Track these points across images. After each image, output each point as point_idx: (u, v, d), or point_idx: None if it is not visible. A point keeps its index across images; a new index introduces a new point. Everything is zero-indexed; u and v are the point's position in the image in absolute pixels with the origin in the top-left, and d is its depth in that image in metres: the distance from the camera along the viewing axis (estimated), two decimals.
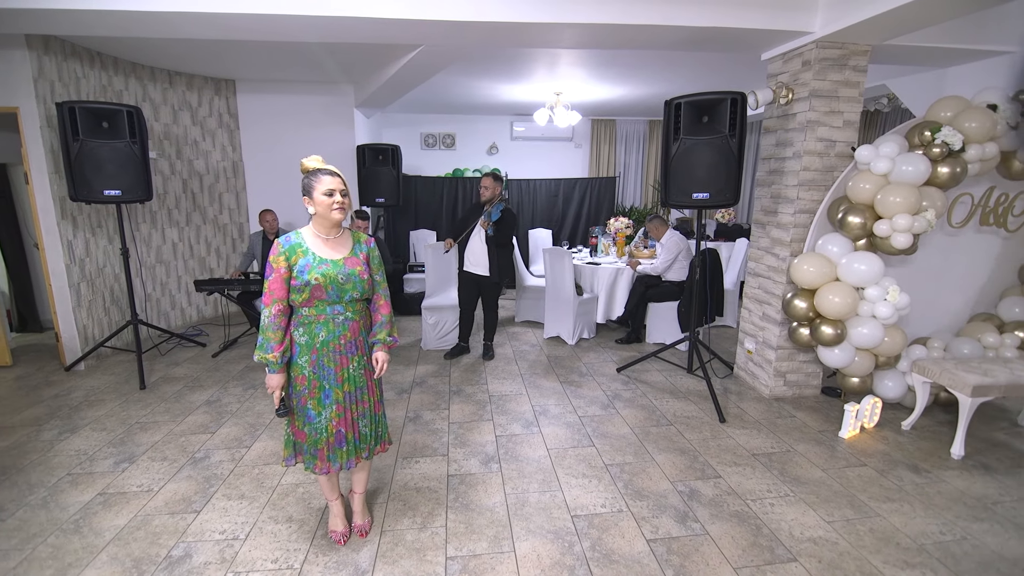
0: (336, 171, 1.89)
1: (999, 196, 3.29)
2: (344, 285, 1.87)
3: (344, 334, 1.92)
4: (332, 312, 1.90)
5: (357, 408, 2.00)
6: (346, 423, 1.98)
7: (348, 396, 1.97)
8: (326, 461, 1.98)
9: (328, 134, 5.87)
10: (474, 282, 4.29)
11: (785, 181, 3.47)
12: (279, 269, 1.85)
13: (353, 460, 2.02)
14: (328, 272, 1.85)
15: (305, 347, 1.90)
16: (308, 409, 1.94)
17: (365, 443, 2.05)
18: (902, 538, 2.22)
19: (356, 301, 1.95)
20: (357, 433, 2.02)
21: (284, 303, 1.87)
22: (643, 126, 8.44)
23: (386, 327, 2.05)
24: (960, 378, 2.83)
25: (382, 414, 2.12)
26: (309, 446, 1.98)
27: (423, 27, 3.12)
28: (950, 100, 2.96)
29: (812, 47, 3.20)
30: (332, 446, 1.98)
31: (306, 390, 1.93)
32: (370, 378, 2.02)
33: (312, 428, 1.96)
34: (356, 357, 1.97)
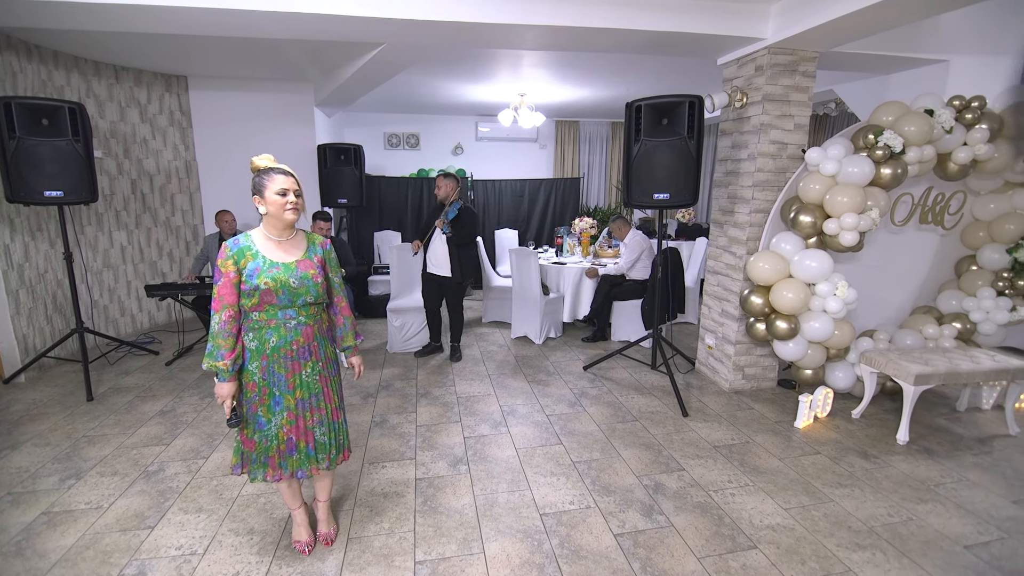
0: (289, 170, 1.83)
1: (936, 196, 3.50)
2: (297, 289, 1.81)
3: (296, 339, 1.86)
4: (284, 317, 1.83)
5: (312, 416, 1.93)
6: (298, 431, 1.91)
7: (301, 403, 1.91)
8: (277, 468, 1.92)
9: (287, 133, 5.72)
10: (437, 283, 4.25)
11: (741, 182, 3.60)
12: (228, 273, 1.77)
13: (306, 470, 1.95)
14: (279, 276, 1.78)
15: (255, 353, 1.84)
16: (259, 416, 1.88)
17: (324, 452, 1.97)
18: (854, 521, 2.33)
19: (310, 305, 1.88)
20: (312, 442, 1.94)
21: (235, 308, 1.79)
22: (606, 128, 8.57)
23: (351, 329, 2.04)
24: (904, 368, 3.00)
25: (342, 421, 2.05)
26: (258, 455, 1.91)
27: (384, 25, 3.08)
28: (891, 105, 3.13)
29: (764, 53, 3.33)
30: (283, 454, 1.92)
31: (256, 397, 1.87)
32: (326, 384, 1.96)
33: (262, 436, 1.89)
34: (310, 363, 1.90)
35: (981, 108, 3.04)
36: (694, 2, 3.14)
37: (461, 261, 4.12)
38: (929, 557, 2.11)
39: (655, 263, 3.86)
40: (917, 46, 3.53)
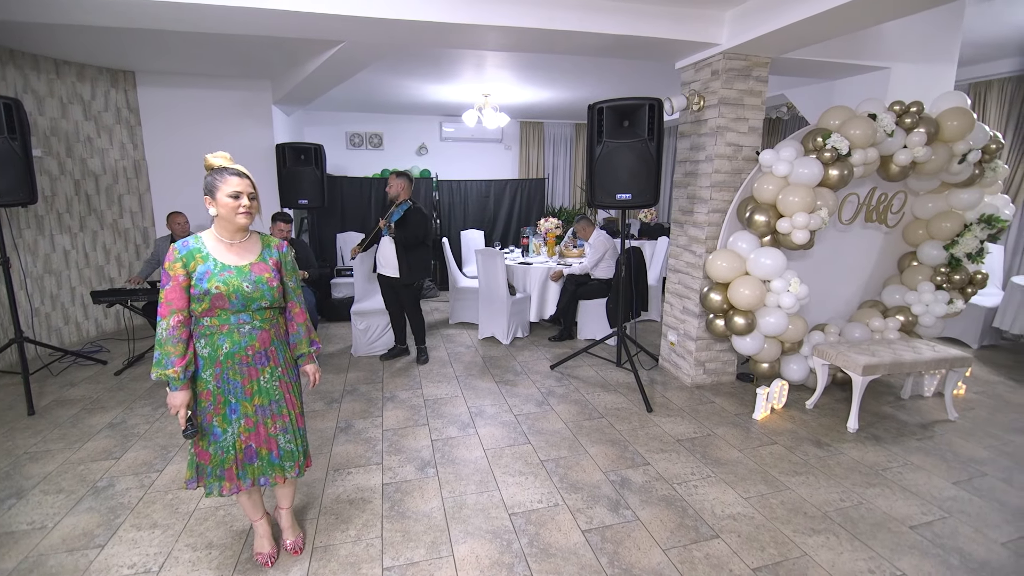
0: (244, 171, 1.76)
1: (880, 196, 3.69)
2: (251, 294, 1.75)
3: (251, 344, 1.79)
4: (237, 322, 1.76)
5: (275, 423, 1.88)
6: (258, 438, 1.86)
7: (261, 410, 1.85)
8: (235, 480, 1.86)
9: (243, 131, 5.53)
10: (388, 284, 4.19)
11: (699, 183, 3.70)
12: (176, 277, 1.69)
13: (269, 477, 1.90)
14: (231, 280, 1.72)
15: (208, 360, 1.77)
16: (214, 426, 1.81)
17: (292, 459, 1.92)
18: (809, 507, 2.44)
19: (266, 309, 1.82)
20: (277, 449, 1.89)
21: (184, 313, 1.71)
22: (570, 129, 8.67)
23: (305, 337, 1.95)
24: (852, 359, 3.16)
25: (304, 428, 2.00)
26: (214, 467, 1.84)
27: (343, 23, 3.03)
28: (838, 110, 3.28)
29: (720, 58, 3.44)
30: (241, 462, 1.85)
31: (211, 406, 1.80)
32: (287, 390, 1.90)
33: (218, 447, 1.82)
34: (268, 368, 1.84)
35: (919, 113, 3.22)
36: (653, 7, 3.22)
37: (409, 261, 4.02)
38: (878, 538, 2.23)
39: (619, 262, 3.93)
40: (861, 54, 3.72)
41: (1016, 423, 3.32)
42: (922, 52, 3.81)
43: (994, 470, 2.77)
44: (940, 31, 3.79)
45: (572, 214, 8.13)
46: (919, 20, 3.65)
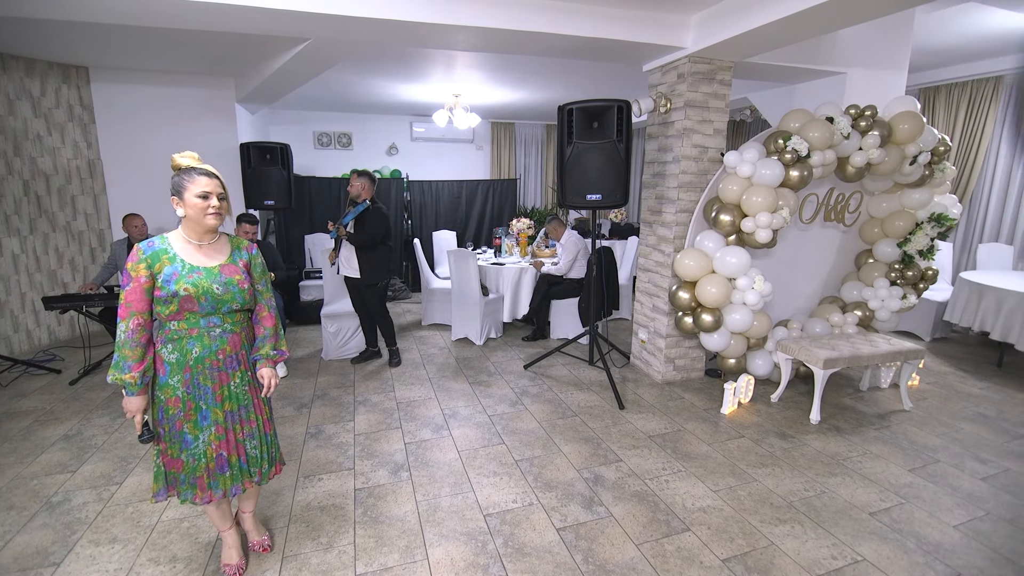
0: (213, 171, 1.72)
1: (838, 196, 3.84)
2: (222, 296, 1.71)
3: (222, 348, 1.76)
4: (206, 325, 1.72)
5: (243, 428, 1.84)
6: (228, 445, 1.81)
7: (230, 416, 1.81)
8: (207, 489, 1.80)
9: (206, 130, 5.37)
10: (353, 286, 4.12)
11: (667, 183, 3.78)
12: (138, 278, 1.64)
13: (239, 486, 1.86)
14: (200, 281, 1.68)
15: (176, 365, 1.71)
16: (184, 434, 1.75)
17: (256, 466, 1.88)
18: (775, 498, 2.52)
19: (236, 312, 1.79)
20: (244, 456, 1.85)
21: (144, 316, 1.66)
22: (541, 130, 8.71)
23: (270, 340, 1.88)
24: (814, 354, 3.27)
25: (273, 433, 1.96)
26: (187, 475, 1.78)
27: (308, 20, 2.97)
28: (797, 113, 3.40)
29: (685, 61, 3.52)
30: (213, 472, 1.80)
31: (180, 413, 1.74)
32: (255, 395, 1.87)
33: (189, 454, 1.77)
34: (238, 373, 1.81)
35: (873, 116, 3.36)
36: (621, 11, 3.26)
37: (370, 262, 3.95)
38: (840, 525, 2.32)
39: (590, 262, 3.97)
40: (819, 59, 3.86)
41: (965, 411, 3.50)
42: (875, 58, 3.98)
43: (946, 456, 2.91)
44: (892, 39, 3.97)
45: (544, 214, 8.18)
46: (872, 28, 3.81)
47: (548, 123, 8.63)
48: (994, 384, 3.96)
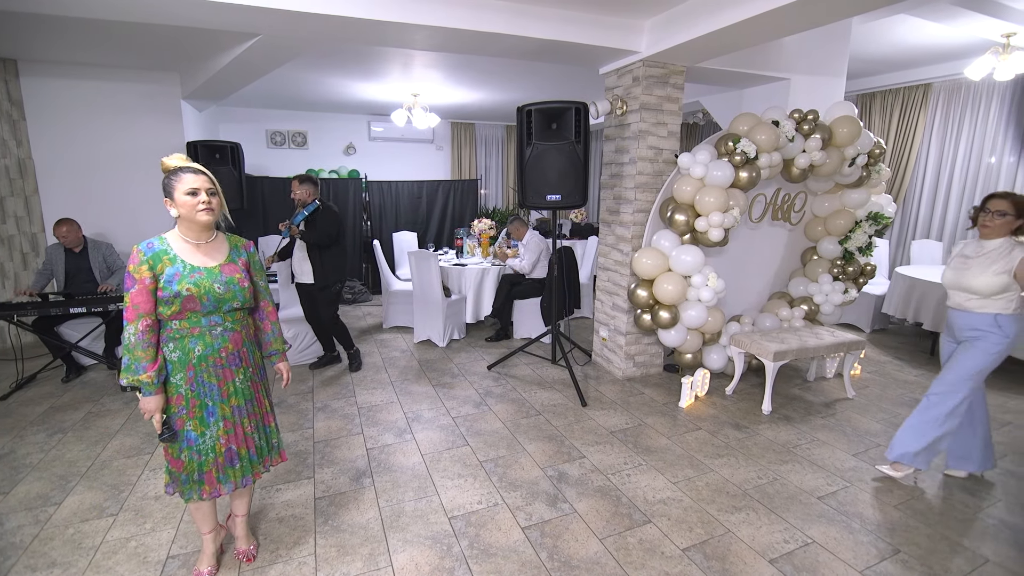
0: (201, 168, 1.74)
1: (784, 196, 4.02)
2: (223, 295, 1.74)
3: (225, 346, 1.79)
4: (208, 324, 1.75)
5: (250, 422, 1.88)
6: (237, 439, 1.84)
7: (237, 410, 1.84)
8: (216, 484, 1.82)
9: (149, 128, 5.10)
10: (306, 292, 4.00)
11: (624, 184, 3.86)
12: (142, 280, 1.66)
13: (250, 477, 1.90)
14: (202, 281, 1.70)
15: (179, 364, 1.73)
16: (188, 431, 1.77)
17: (262, 455, 1.93)
18: (730, 487, 2.61)
19: (237, 311, 1.82)
20: (253, 448, 1.89)
21: (152, 317, 1.68)
22: (501, 131, 8.73)
23: (278, 335, 1.99)
24: (764, 347, 3.41)
25: (274, 425, 2.01)
26: (189, 473, 1.79)
27: (258, 15, 2.87)
28: (746, 116, 3.54)
29: (640, 65, 3.60)
30: (222, 466, 1.82)
31: (184, 411, 1.75)
32: (257, 390, 1.91)
33: (194, 451, 1.78)
34: (242, 369, 1.84)
35: (815, 120, 3.54)
36: (578, 14, 3.31)
37: (324, 264, 3.85)
38: (791, 510, 2.43)
39: (551, 262, 4.01)
40: (765, 65, 4.03)
41: (903, 398, 3.74)
42: (816, 65, 4.19)
43: (886, 441, 3.09)
44: (831, 47, 4.19)
45: (505, 215, 8.20)
46: (813, 36, 4.01)
47: (508, 124, 8.66)
48: (927, 371, 4.24)
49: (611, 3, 3.20)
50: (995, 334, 2.38)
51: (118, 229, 4.96)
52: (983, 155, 5.24)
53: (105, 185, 4.99)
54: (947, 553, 2.15)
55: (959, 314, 2.49)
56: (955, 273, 2.47)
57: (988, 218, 2.38)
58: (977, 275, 2.37)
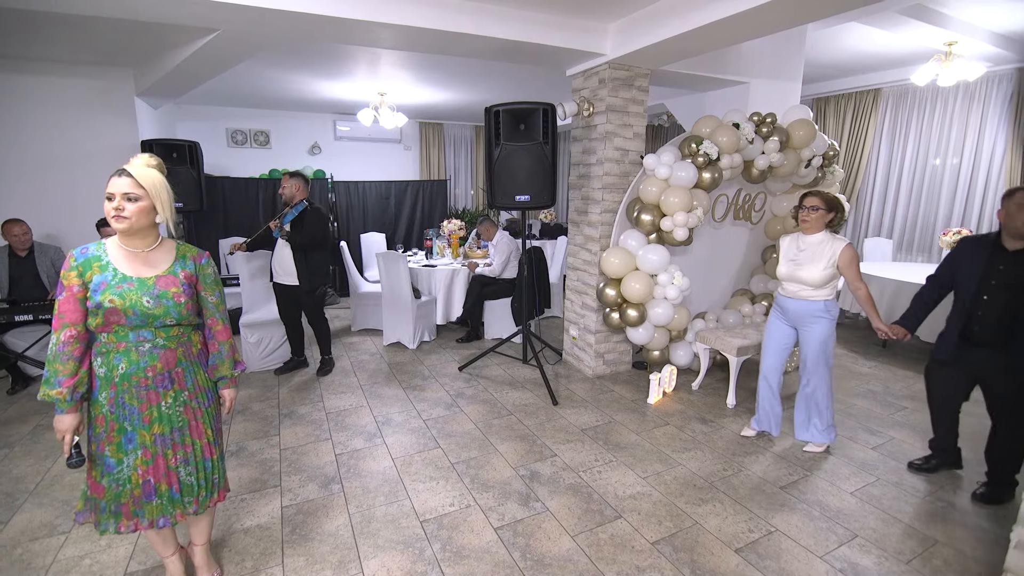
0: (128, 170, 1.56)
1: (745, 196, 4.15)
2: (152, 310, 1.57)
3: (152, 365, 1.61)
4: (136, 339, 1.59)
5: (175, 454, 1.68)
6: (157, 471, 1.65)
7: (160, 439, 1.65)
8: (132, 517, 1.65)
9: (101, 126, 4.87)
10: (287, 293, 3.92)
11: (592, 184, 3.91)
12: (71, 287, 1.54)
13: (168, 517, 1.69)
14: (128, 293, 1.55)
15: (104, 381, 1.59)
16: (106, 456, 1.61)
17: (191, 494, 1.72)
18: (698, 480, 2.68)
19: (171, 327, 1.64)
20: (176, 484, 1.69)
21: (78, 328, 1.55)
22: (470, 131, 8.71)
23: (228, 357, 1.80)
24: (728, 342, 3.51)
25: (216, 459, 1.79)
26: (109, 501, 1.63)
27: (217, 9, 2.77)
28: (708, 119, 3.63)
29: (606, 67, 3.65)
30: (138, 499, 1.64)
31: (104, 433, 1.61)
32: (194, 417, 1.71)
33: (112, 479, 1.62)
34: (171, 392, 1.66)
35: (773, 123, 3.66)
36: (544, 16, 3.33)
37: (310, 267, 3.78)
38: (755, 500, 2.51)
39: (521, 262, 4.03)
40: (725, 69, 4.15)
41: (857, 389, 3.90)
42: (774, 70, 4.34)
43: (842, 430, 3.23)
44: (787, 53, 4.34)
45: (475, 215, 8.18)
46: (770, 42, 4.14)
47: (477, 124, 8.65)
48: (880, 363, 4.45)
49: (576, 6, 3.23)
50: (825, 318, 2.76)
51: (69, 232, 4.73)
52: (928, 157, 5.53)
53: (54, 185, 4.74)
54: (900, 536, 2.27)
55: (794, 302, 2.83)
56: (789, 267, 2.81)
57: (805, 213, 2.73)
58: (809, 269, 2.69)
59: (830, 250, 2.67)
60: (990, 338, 2.38)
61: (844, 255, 2.65)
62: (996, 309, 2.35)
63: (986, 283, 2.38)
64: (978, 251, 2.43)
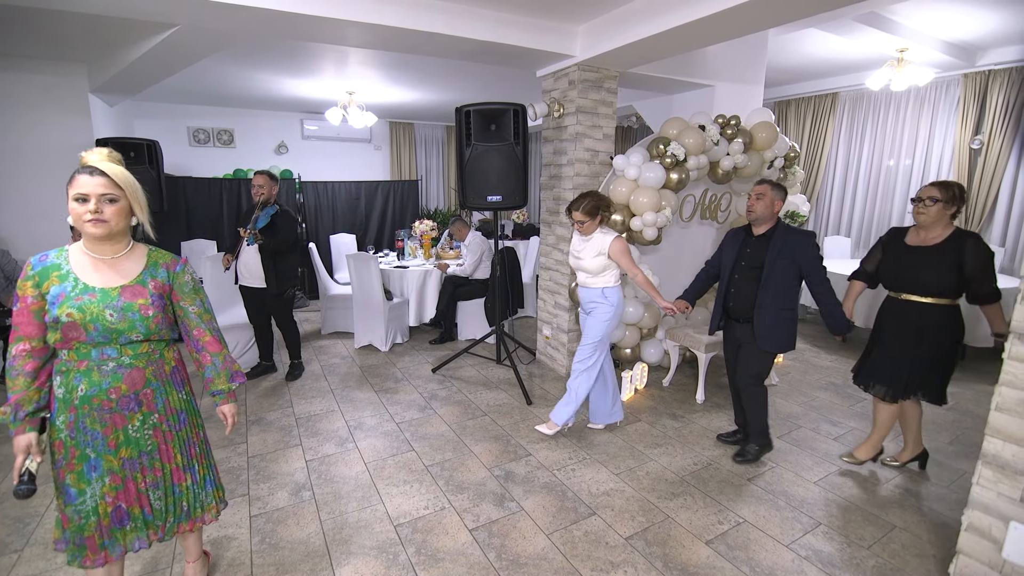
0: (100, 168, 1.42)
1: (711, 196, 4.24)
2: (115, 325, 1.43)
3: (116, 387, 1.47)
4: (98, 357, 1.45)
5: (144, 478, 1.56)
6: (128, 496, 1.53)
7: (129, 463, 1.52)
8: (99, 550, 1.51)
9: (51, 123, 4.64)
10: (255, 297, 3.82)
11: (563, 185, 3.94)
12: (25, 298, 1.42)
13: (144, 540, 1.58)
14: (89, 306, 1.41)
15: (62, 403, 1.45)
16: (67, 485, 1.47)
17: (160, 519, 1.60)
18: (669, 475, 2.73)
19: (139, 343, 1.50)
20: (148, 507, 1.58)
21: (34, 342, 1.43)
22: (441, 131, 8.66)
23: (223, 369, 1.67)
24: (696, 339, 3.59)
25: (188, 485, 1.65)
26: (72, 533, 1.50)
27: (175, 4, 2.69)
28: (675, 121, 3.70)
29: (575, 69, 3.69)
30: (108, 529, 1.52)
31: (64, 460, 1.47)
32: (164, 441, 1.58)
33: (74, 510, 1.48)
34: (139, 415, 1.52)
35: (737, 125, 3.76)
36: (514, 17, 3.34)
37: (277, 270, 3.69)
38: (725, 493, 2.57)
39: (494, 262, 4.03)
40: (691, 72, 4.24)
41: (820, 382, 4.05)
42: (737, 74, 4.46)
43: (806, 423, 3.34)
44: (750, 57, 4.47)
45: (447, 216, 8.13)
46: (734, 47, 4.26)
47: (448, 124, 8.60)
48: (840, 356, 4.62)
49: (545, 8, 3.25)
50: (603, 304, 2.95)
51: (18, 235, 4.49)
52: (883, 158, 5.78)
53: (1, 186, 4.50)
54: (861, 523, 2.36)
55: (582, 290, 3.04)
56: (574, 261, 3.04)
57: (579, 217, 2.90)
58: (588, 258, 2.92)
59: (601, 242, 2.89)
60: (743, 313, 2.73)
61: (613, 246, 2.86)
62: (744, 287, 2.71)
63: (737, 265, 2.76)
64: (736, 238, 2.81)
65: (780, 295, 2.63)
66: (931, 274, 2.41)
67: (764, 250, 2.64)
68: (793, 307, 2.70)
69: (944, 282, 2.38)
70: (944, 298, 2.42)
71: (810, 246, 2.59)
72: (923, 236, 2.48)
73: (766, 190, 2.63)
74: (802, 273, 2.62)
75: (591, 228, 2.91)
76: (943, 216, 2.40)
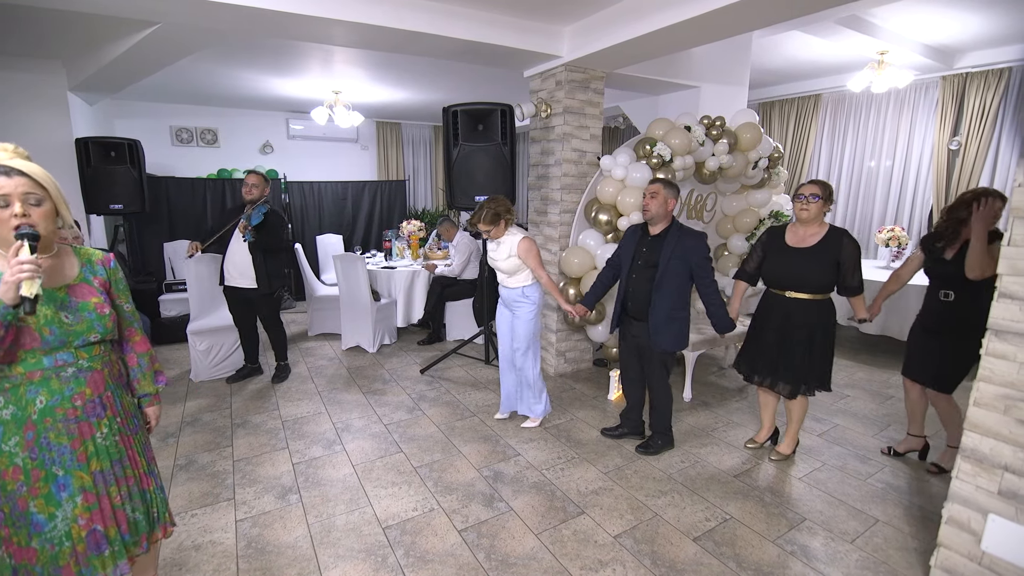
0: (15, 167, 1.27)
1: (697, 196, 4.28)
2: (73, 327, 1.34)
3: (80, 391, 1.36)
4: (53, 364, 1.33)
5: (119, 490, 1.43)
6: (103, 516, 1.39)
7: (101, 477, 1.40)
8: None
9: (29, 122, 4.54)
10: (243, 297, 3.76)
11: (551, 185, 3.95)
12: None
13: (126, 563, 1.43)
14: (41, 310, 1.30)
15: (12, 424, 1.30)
16: (32, 514, 1.32)
17: (137, 532, 1.48)
18: (656, 473, 2.75)
19: (94, 344, 1.39)
20: (125, 524, 1.44)
21: None
22: (428, 131, 8.63)
23: (147, 371, 1.61)
24: None
25: (154, 489, 1.56)
26: (45, 566, 1.33)
27: (159, 1, 2.65)
28: (661, 121, 3.73)
29: (562, 69, 3.70)
30: (83, 556, 1.36)
31: (23, 487, 1.31)
32: (129, 445, 1.48)
33: (45, 540, 1.33)
34: (105, 420, 1.41)
35: (722, 126, 3.80)
36: (501, 17, 3.34)
37: (269, 269, 3.67)
38: (711, 490, 2.60)
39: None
40: (677, 74, 4.28)
41: None
42: (722, 75, 4.50)
43: None
44: (734, 59, 4.52)
45: (435, 216, 8.11)
46: (718, 48, 4.30)
47: (435, 124, 8.57)
48: None
49: (533, 8, 3.26)
50: (526, 303, 3.04)
51: None
52: (864, 159, 5.88)
53: None
54: (845, 517, 2.40)
55: (503, 290, 3.12)
56: (492, 263, 3.12)
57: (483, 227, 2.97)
58: (501, 260, 3.01)
59: (510, 243, 2.97)
60: (639, 311, 2.78)
61: (520, 246, 2.93)
62: (641, 286, 2.76)
63: (634, 264, 2.81)
64: (633, 236, 2.86)
65: (672, 294, 2.69)
66: (814, 273, 2.59)
67: (659, 249, 2.70)
68: (685, 307, 2.77)
69: (826, 279, 2.59)
70: (823, 293, 2.61)
71: (701, 247, 2.68)
72: (802, 234, 2.65)
73: (659, 189, 2.68)
74: (691, 273, 2.69)
75: (499, 233, 2.98)
76: (820, 213, 2.60)
